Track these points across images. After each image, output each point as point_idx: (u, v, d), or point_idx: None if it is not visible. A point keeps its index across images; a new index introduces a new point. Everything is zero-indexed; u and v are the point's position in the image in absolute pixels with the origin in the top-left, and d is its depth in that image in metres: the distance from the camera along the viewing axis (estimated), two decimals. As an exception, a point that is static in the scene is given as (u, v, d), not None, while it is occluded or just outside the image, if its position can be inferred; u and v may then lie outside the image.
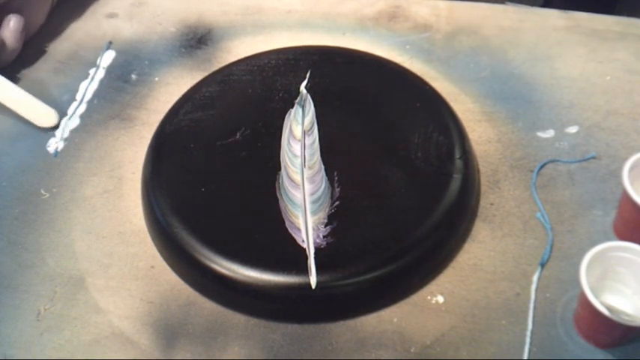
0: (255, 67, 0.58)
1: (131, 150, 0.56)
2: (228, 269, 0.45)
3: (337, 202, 0.48)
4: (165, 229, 0.48)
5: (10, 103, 0.58)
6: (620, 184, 0.44)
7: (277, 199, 0.48)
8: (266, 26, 0.66)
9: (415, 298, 0.45)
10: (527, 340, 0.43)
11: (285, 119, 0.54)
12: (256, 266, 0.44)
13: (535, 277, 0.45)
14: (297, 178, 0.49)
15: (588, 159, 0.52)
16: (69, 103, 0.60)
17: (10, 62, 0.62)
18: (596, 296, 0.39)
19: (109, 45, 0.66)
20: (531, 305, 0.44)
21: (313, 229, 0.46)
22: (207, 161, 0.51)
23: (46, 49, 0.66)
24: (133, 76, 0.63)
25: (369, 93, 0.55)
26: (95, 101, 0.61)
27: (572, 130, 0.54)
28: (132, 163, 0.55)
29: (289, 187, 0.49)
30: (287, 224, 0.47)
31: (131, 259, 0.49)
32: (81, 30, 0.68)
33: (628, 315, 0.39)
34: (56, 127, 0.58)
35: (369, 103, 0.55)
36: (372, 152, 0.51)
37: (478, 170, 0.52)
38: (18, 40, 0.61)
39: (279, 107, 0.55)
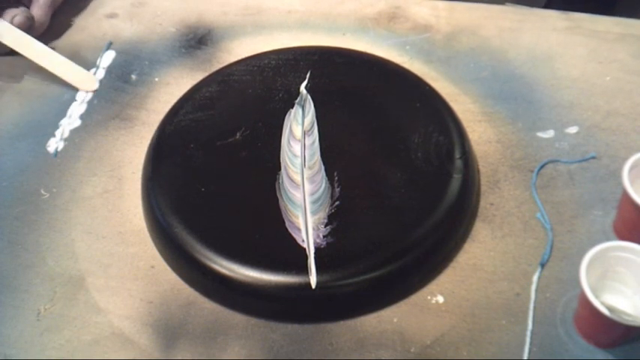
0: (255, 68, 0.58)
1: (131, 150, 0.56)
2: (228, 269, 0.45)
3: (337, 202, 0.48)
4: (165, 229, 0.48)
5: (53, 68, 0.62)
6: (620, 184, 0.44)
7: (277, 199, 0.48)
8: (266, 27, 0.66)
9: (415, 298, 0.45)
10: (527, 340, 0.43)
11: (285, 119, 0.54)
12: (256, 266, 0.44)
13: (535, 277, 0.45)
14: (297, 178, 0.49)
15: (588, 159, 0.52)
16: (69, 103, 0.60)
17: (40, 34, 0.65)
18: (596, 296, 0.39)
19: (109, 45, 0.66)
20: (531, 305, 0.44)
21: (313, 229, 0.46)
22: (207, 161, 0.51)
23: (46, 49, 0.66)
24: (133, 77, 0.63)
25: (369, 93, 0.55)
26: (95, 101, 0.61)
27: (572, 130, 0.54)
28: (132, 163, 0.55)
29: (289, 187, 0.49)
30: (287, 224, 0.47)
31: (131, 259, 0.49)
32: (81, 30, 0.68)
33: (628, 315, 0.39)
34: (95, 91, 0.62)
35: (369, 104, 0.55)
36: (372, 152, 0.51)
37: (478, 170, 0.52)
38: (47, 14, 0.66)
39: (279, 107, 0.55)
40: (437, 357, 0.42)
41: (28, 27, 0.64)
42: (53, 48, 0.64)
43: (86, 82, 0.62)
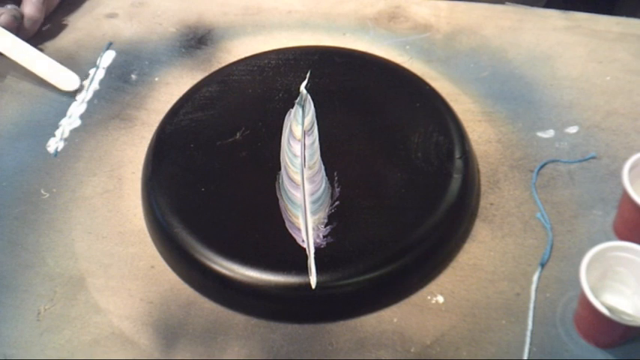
0: (255, 67, 0.58)
1: (131, 150, 0.56)
2: (228, 269, 0.45)
3: (337, 202, 0.48)
4: (165, 229, 0.48)
5: (33, 68, 0.61)
6: (620, 184, 0.44)
7: (277, 199, 0.48)
8: (266, 26, 0.66)
9: (415, 298, 0.45)
10: (527, 340, 0.43)
11: (285, 119, 0.54)
12: (256, 266, 0.44)
13: (535, 277, 0.45)
14: (297, 178, 0.49)
15: (588, 159, 0.52)
16: (69, 103, 0.60)
17: (35, 32, 0.65)
18: (596, 296, 0.39)
19: (109, 45, 0.66)
20: (531, 305, 0.44)
21: (313, 229, 0.46)
22: (207, 161, 0.51)
23: (46, 49, 0.66)
24: (133, 76, 0.63)
25: (369, 93, 0.55)
26: (95, 101, 0.61)
27: (572, 130, 0.54)
28: (132, 163, 0.55)
29: (289, 187, 0.49)
30: (287, 224, 0.47)
31: (131, 259, 0.49)
32: (81, 30, 0.68)
33: (628, 315, 0.39)
34: (77, 91, 0.61)
35: (369, 103, 0.55)
36: (372, 152, 0.51)
37: (478, 170, 0.52)
38: (40, 10, 0.65)
39: (279, 107, 0.55)
40: (437, 357, 0.42)
41: (16, 27, 0.62)
42: (52, 48, 0.64)
43: (67, 81, 0.61)
